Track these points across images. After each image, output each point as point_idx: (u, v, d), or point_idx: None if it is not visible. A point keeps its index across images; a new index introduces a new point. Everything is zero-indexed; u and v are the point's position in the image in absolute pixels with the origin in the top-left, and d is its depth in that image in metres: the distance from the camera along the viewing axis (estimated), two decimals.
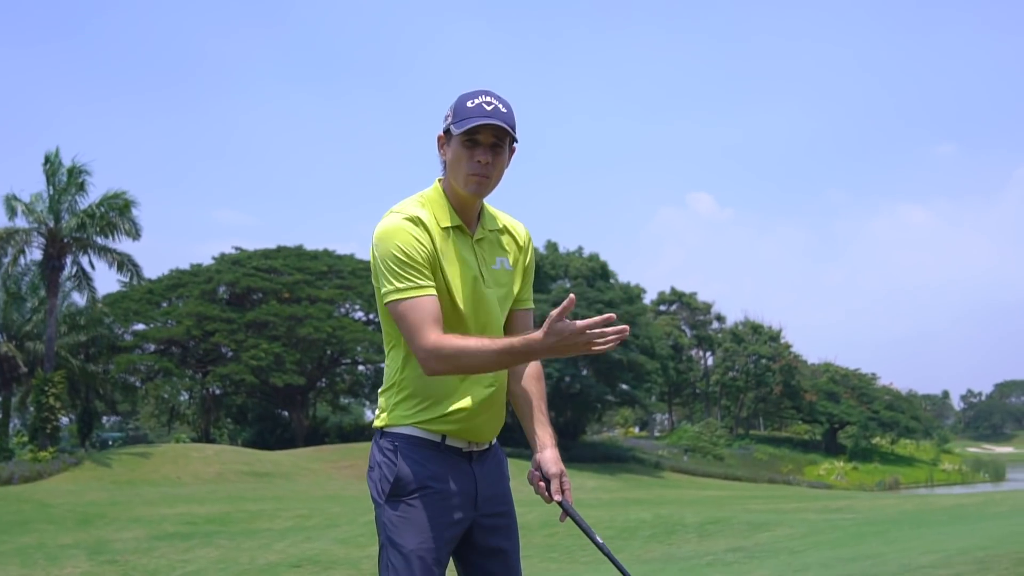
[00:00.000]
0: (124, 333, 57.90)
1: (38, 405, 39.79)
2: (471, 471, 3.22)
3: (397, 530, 3.10)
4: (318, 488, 38.00)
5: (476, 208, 3.28)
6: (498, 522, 3.28)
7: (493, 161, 3.15)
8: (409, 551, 3.06)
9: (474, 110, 3.12)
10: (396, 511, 3.12)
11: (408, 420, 3.17)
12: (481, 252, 3.27)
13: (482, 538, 3.24)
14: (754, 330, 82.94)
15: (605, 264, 63.86)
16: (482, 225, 3.31)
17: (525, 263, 3.42)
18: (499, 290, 3.28)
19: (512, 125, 3.15)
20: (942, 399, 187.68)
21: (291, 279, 59.90)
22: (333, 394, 71.62)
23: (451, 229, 3.21)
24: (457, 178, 3.19)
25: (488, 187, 3.19)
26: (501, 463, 3.37)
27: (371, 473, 3.22)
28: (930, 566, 10.09)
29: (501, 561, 3.27)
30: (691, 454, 67.96)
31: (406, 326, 3.07)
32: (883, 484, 69.02)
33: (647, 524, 20.77)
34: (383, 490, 3.16)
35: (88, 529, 23.31)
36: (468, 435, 3.21)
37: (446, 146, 3.22)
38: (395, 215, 3.17)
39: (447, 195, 3.25)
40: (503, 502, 3.33)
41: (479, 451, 3.27)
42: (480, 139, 3.13)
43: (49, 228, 40.31)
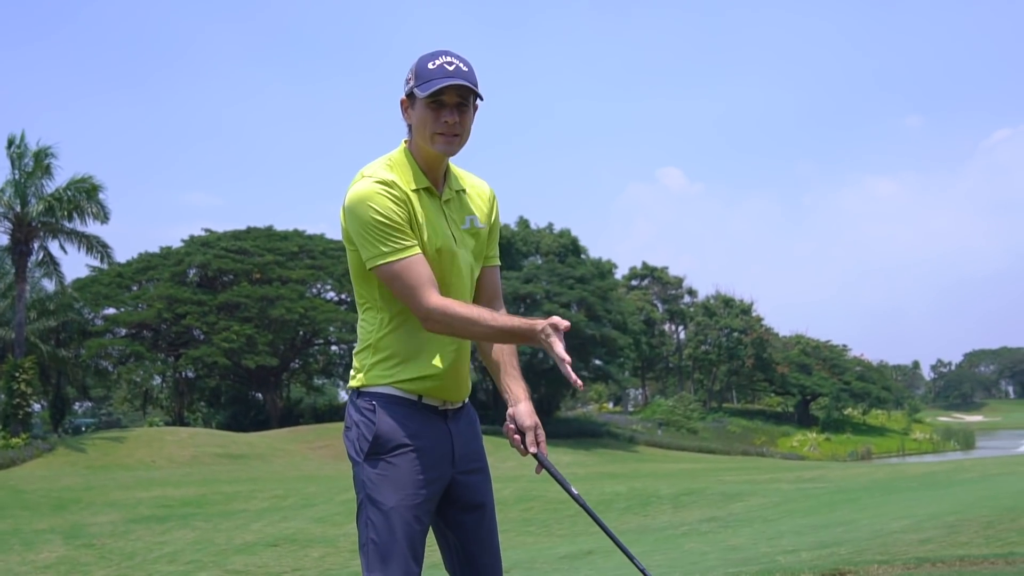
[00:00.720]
0: (94, 318, 57.56)
1: (9, 391, 39.53)
2: (447, 429, 3.25)
3: (376, 487, 3.12)
4: (293, 469, 38.00)
5: (443, 169, 3.29)
6: (474, 478, 3.31)
7: (460, 120, 3.16)
8: (389, 508, 3.08)
9: (436, 71, 3.12)
10: (375, 469, 3.14)
11: (385, 380, 3.19)
12: (450, 212, 3.28)
13: (459, 494, 3.27)
14: (725, 304, 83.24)
15: (576, 240, 63.94)
16: (448, 186, 3.32)
17: (491, 221, 3.45)
18: (470, 248, 3.31)
19: (475, 83, 3.16)
20: (912, 369, 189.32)
21: (262, 260, 59.65)
22: (307, 375, 71.46)
23: (420, 191, 3.22)
24: (425, 139, 3.19)
25: (457, 145, 3.21)
26: (474, 421, 3.41)
27: (348, 433, 3.24)
28: (901, 531, 10.23)
29: (479, 515, 3.31)
30: (665, 428, 68.26)
31: (402, 287, 3.10)
32: (855, 454, 69.56)
33: (622, 497, 20.92)
34: (362, 448, 3.17)
35: (63, 514, 23.23)
36: (442, 393, 3.23)
37: (410, 109, 3.22)
38: (366, 180, 3.17)
39: (414, 157, 3.26)
40: (478, 459, 3.36)
41: (453, 409, 3.30)
42: (445, 100, 3.14)
43: (16, 213, 39.96)
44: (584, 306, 59.41)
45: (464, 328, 3.09)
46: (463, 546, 3.31)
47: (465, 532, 3.30)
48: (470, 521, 3.30)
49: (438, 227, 3.22)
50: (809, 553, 8.65)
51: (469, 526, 3.30)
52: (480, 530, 3.32)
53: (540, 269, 60.45)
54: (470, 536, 3.31)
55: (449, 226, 3.26)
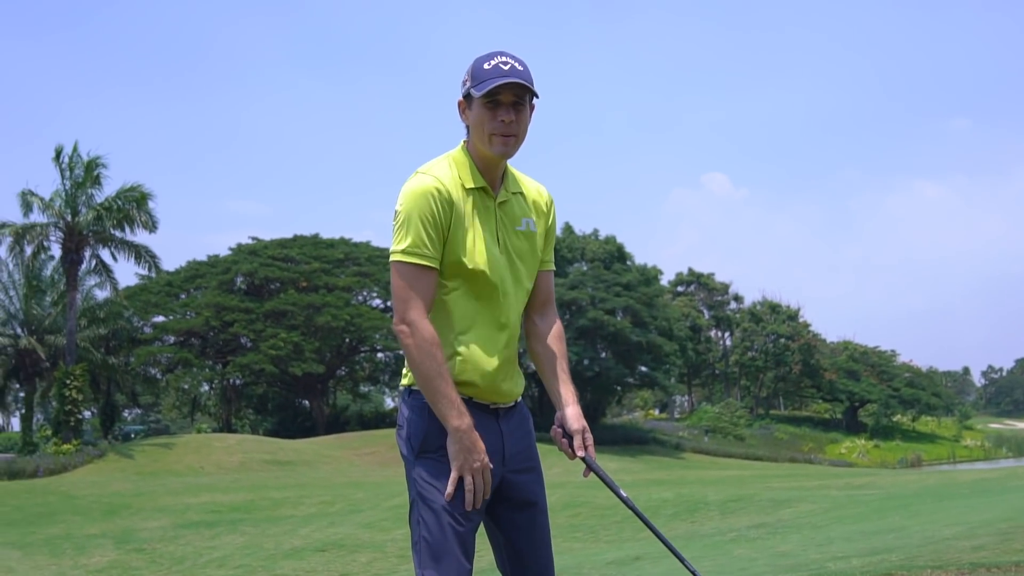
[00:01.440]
0: (144, 325, 58.16)
1: (60, 398, 40.06)
2: (498, 427, 3.24)
3: (428, 486, 3.12)
4: (340, 475, 38.15)
5: (500, 170, 3.30)
6: (525, 477, 3.30)
7: (516, 119, 3.18)
8: (440, 507, 3.08)
9: (492, 71, 3.14)
10: (426, 467, 3.14)
11: None
12: (503, 215, 3.29)
13: (510, 493, 3.26)
14: (772, 309, 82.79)
15: (622, 246, 63.78)
16: (505, 187, 3.33)
17: (547, 225, 3.47)
18: (523, 251, 3.32)
19: (531, 81, 3.18)
20: (963, 375, 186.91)
21: (308, 268, 60.05)
22: (353, 382, 71.80)
23: (475, 191, 3.24)
24: (482, 140, 3.21)
25: (514, 146, 3.22)
26: (526, 419, 3.40)
27: (400, 431, 3.26)
28: (953, 538, 10.09)
29: (530, 514, 3.30)
30: (711, 435, 67.92)
31: (398, 288, 3.14)
32: (905, 461, 68.87)
33: (670, 503, 20.81)
34: (413, 446, 3.18)
35: (114, 519, 23.48)
36: (490, 395, 3.23)
37: (467, 111, 3.25)
38: (421, 176, 3.20)
39: (472, 157, 3.27)
40: (530, 457, 3.35)
41: (505, 408, 3.29)
42: (501, 99, 3.16)
43: (67, 222, 40.50)
44: (630, 312, 59.28)
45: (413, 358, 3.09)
46: (513, 545, 3.30)
47: (516, 531, 3.29)
48: (521, 520, 3.29)
49: (488, 228, 3.23)
50: (860, 559, 8.56)
51: (520, 525, 3.29)
52: (531, 529, 3.31)
53: (586, 275, 60.37)
54: (521, 535, 3.30)
55: (499, 228, 3.26)
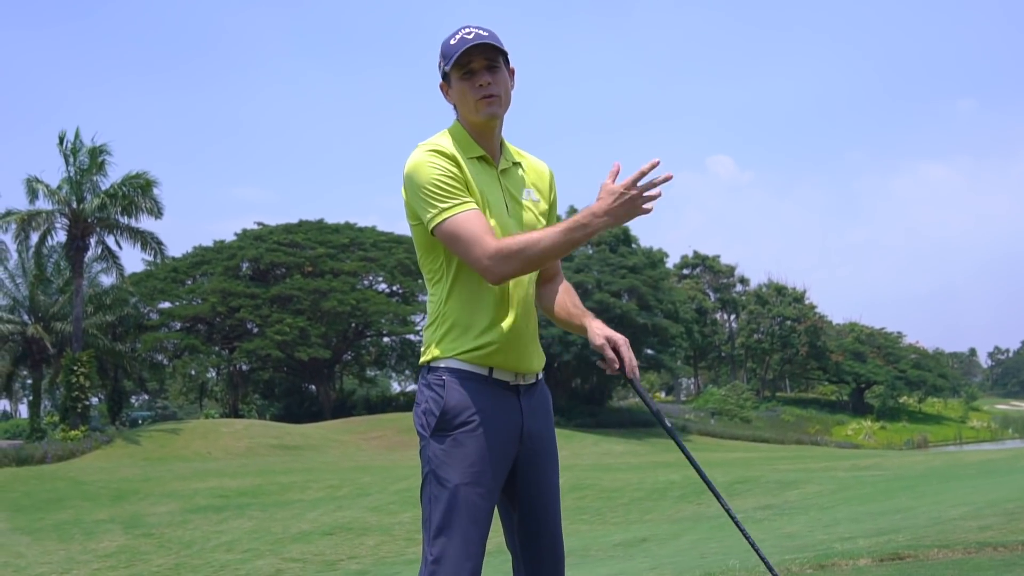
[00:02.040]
0: (150, 312, 58.22)
1: (67, 385, 40.16)
2: (518, 405, 3.22)
3: (441, 464, 3.10)
4: (347, 459, 38.25)
5: (496, 140, 3.31)
6: (542, 458, 3.29)
7: (494, 80, 3.19)
8: (454, 485, 3.06)
9: (458, 44, 3.16)
10: (441, 445, 3.11)
11: (453, 351, 3.17)
12: (506, 182, 3.30)
13: (525, 472, 3.25)
14: (778, 292, 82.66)
15: (627, 229, 63.59)
16: (504, 157, 3.34)
17: (551, 198, 3.47)
18: (527, 220, 3.30)
19: (497, 41, 3.18)
20: (969, 356, 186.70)
21: (313, 253, 60.06)
22: (359, 367, 71.91)
23: (475, 159, 3.24)
24: (469, 111, 3.22)
25: (500, 105, 3.22)
26: (547, 399, 3.38)
27: (417, 408, 3.23)
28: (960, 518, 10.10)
29: (543, 494, 3.28)
30: (718, 417, 67.91)
31: (461, 241, 3.08)
32: (911, 443, 68.88)
33: (676, 485, 20.85)
34: (429, 423, 3.15)
35: (122, 504, 23.58)
36: (511, 363, 3.20)
37: (450, 92, 3.27)
38: (420, 147, 3.21)
39: (467, 130, 3.28)
40: (548, 437, 3.33)
41: (526, 385, 3.27)
42: (474, 67, 3.18)
43: (72, 209, 40.52)
44: (635, 295, 59.21)
45: (530, 251, 3.02)
46: (525, 524, 3.28)
47: (528, 510, 3.27)
48: (534, 500, 3.27)
49: (494, 195, 3.23)
50: (866, 540, 8.57)
51: (533, 505, 3.27)
52: (544, 510, 3.29)
53: (591, 259, 60.28)
54: (534, 516, 3.28)
55: (504, 195, 3.26)
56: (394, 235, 63.23)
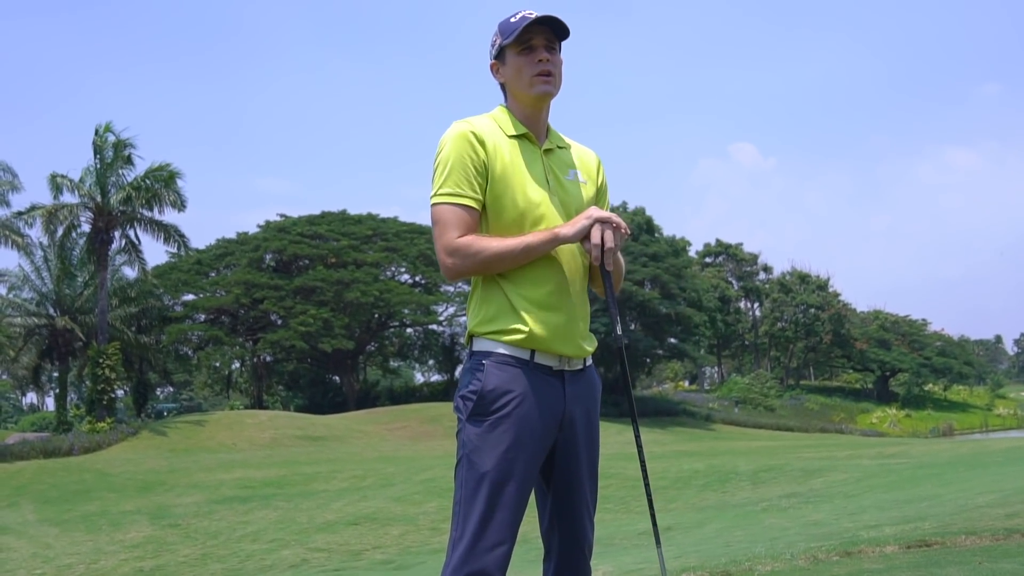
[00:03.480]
0: (174, 304, 58.50)
1: (94, 377, 40.41)
2: (562, 391, 3.16)
3: (476, 448, 3.07)
4: (371, 450, 38.35)
5: (542, 121, 3.29)
6: (583, 446, 3.24)
7: (552, 59, 3.20)
8: (484, 471, 3.03)
9: (519, 21, 3.17)
10: (477, 429, 3.08)
11: (494, 335, 3.14)
12: (549, 162, 3.27)
13: (564, 460, 3.21)
14: (802, 279, 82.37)
15: (650, 219, 63.50)
16: (550, 139, 3.33)
17: (599, 183, 3.44)
18: (572, 200, 3.26)
19: (563, 23, 3.20)
20: (995, 344, 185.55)
21: (337, 244, 60.20)
22: (383, 357, 72.06)
23: (518, 138, 3.23)
24: (522, 86, 3.21)
25: (554, 84, 3.22)
26: (594, 386, 3.31)
27: (458, 391, 3.19)
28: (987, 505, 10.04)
29: (577, 480, 3.24)
30: (742, 406, 67.82)
31: (436, 228, 3.10)
32: (937, 430, 68.53)
33: (701, 474, 20.82)
34: (466, 407, 3.11)
35: (149, 495, 23.72)
36: (557, 348, 3.15)
37: (502, 68, 3.26)
38: (455, 123, 3.20)
39: (512, 112, 3.28)
40: (591, 425, 3.28)
41: (571, 371, 3.21)
42: (534, 43, 3.19)
43: (96, 202, 40.72)
44: (659, 284, 59.14)
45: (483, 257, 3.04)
46: (556, 510, 3.25)
47: (560, 497, 3.24)
48: (567, 488, 3.23)
49: (535, 172, 3.20)
50: (892, 528, 8.53)
51: (565, 492, 3.24)
52: (575, 499, 3.25)
53: None
54: (565, 503, 3.25)
55: (547, 175, 3.23)
56: (416, 225, 63.32)
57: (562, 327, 3.15)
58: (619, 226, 3.15)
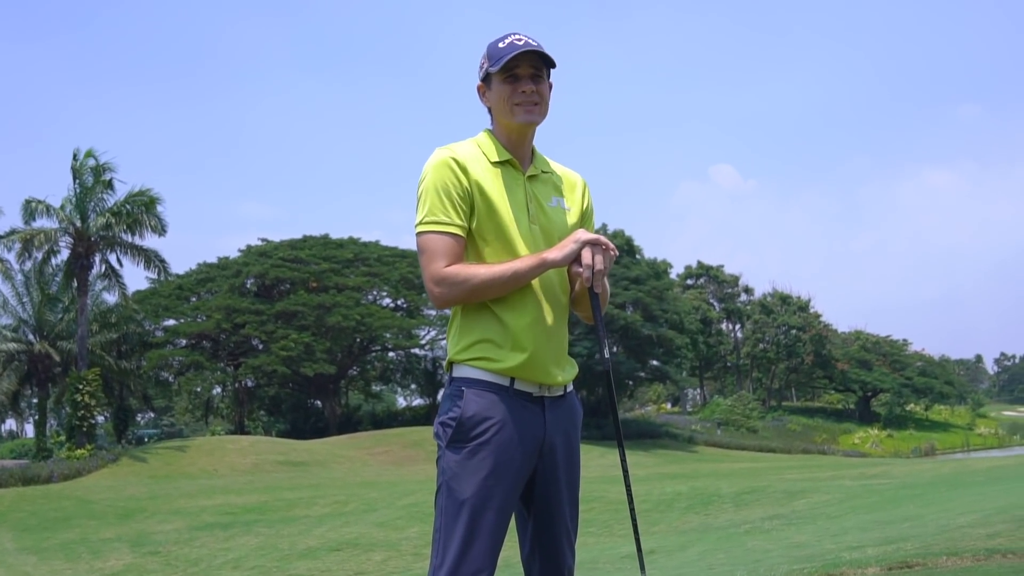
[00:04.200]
0: (155, 329, 58.21)
1: (73, 404, 40.12)
2: (542, 418, 3.16)
3: (455, 475, 3.06)
4: (354, 475, 38.20)
5: (527, 146, 3.30)
6: (563, 471, 3.24)
7: (537, 88, 3.20)
8: (464, 499, 3.03)
9: (507, 48, 3.17)
10: (457, 456, 3.08)
11: (474, 361, 3.13)
12: (533, 189, 3.27)
13: (545, 486, 3.20)
14: (783, 301, 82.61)
15: (631, 240, 63.61)
16: (534, 165, 3.32)
17: (583, 207, 3.43)
18: (554, 227, 3.26)
19: (549, 54, 3.20)
20: (975, 363, 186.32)
21: (318, 268, 60.08)
22: (365, 381, 71.83)
23: (501, 164, 3.23)
24: (506, 114, 3.22)
25: (539, 113, 3.22)
26: (575, 412, 3.31)
27: (438, 417, 3.19)
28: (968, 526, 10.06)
29: (557, 507, 3.23)
30: (724, 427, 67.81)
31: (423, 258, 3.10)
32: (919, 450, 68.66)
33: (684, 496, 20.80)
34: (446, 434, 3.11)
35: (129, 523, 23.55)
36: (535, 374, 3.14)
37: (488, 93, 3.27)
38: (437, 150, 3.20)
39: (497, 137, 3.28)
40: (571, 451, 3.28)
41: (552, 397, 3.21)
42: (519, 72, 3.19)
43: (76, 227, 40.57)
44: (640, 306, 59.20)
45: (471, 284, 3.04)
46: (536, 536, 3.24)
47: (540, 523, 3.23)
48: (548, 514, 3.23)
49: (516, 200, 3.20)
50: (875, 549, 8.54)
51: (546, 519, 3.23)
52: (555, 526, 3.24)
53: None
54: (546, 529, 3.24)
55: (529, 202, 3.23)
56: (398, 249, 63.31)
57: (542, 354, 3.15)
58: (608, 247, 3.15)
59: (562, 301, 3.26)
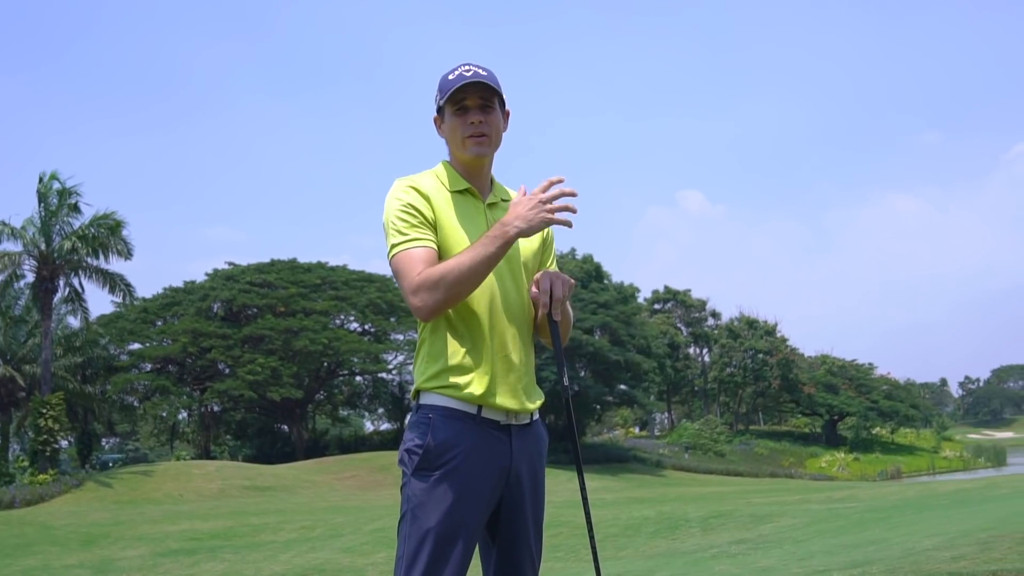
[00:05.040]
0: (120, 353, 57.80)
1: (36, 428, 39.69)
2: (508, 447, 3.16)
3: (420, 504, 3.04)
4: (320, 500, 37.96)
5: (485, 177, 3.32)
6: (528, 500, 3.23)
7: (486, 120, 3.20)
8: (428, 528, 3.01)
9: (455, 79, 3.18)
10: (422, 484, 3.06)
11: (440, 389, 3.11)
12: (493, 217, 3.27)
13: (510, 514, 3.19)
14: (750, 325, 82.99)
15: (599, 265, 63.84)
16: (493, 194, 3.34)
17: (545, 235, 3.47)
18: (515, 253, 3.25)
19: (495, 83, 3.20)
20: (940, 387, 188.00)
21: (285, 293, 59.85)
22: (332, 406, 71.51)
23: (461, 192, 3.24)
24: (457, 146, 3.24)
25: (488, 145, 3.23)
26: (541, 441, 3.31)
27: (403, 444, 3.17)
28: (933, 548, 10.11)
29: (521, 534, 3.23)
30: (692, 452, 67.93)
31: (399, 277, 3.09)
32: (885, 474, 69.04)
33: (651, 521, 20.80)
34: (411, 461, 3.09)
35: (92, 549, 23.27)
36: (504, 403, 3.14)
37: (443, 125, 3.28)
38: (396, 184, 3.22)
39: (454, 167, 3.30)
40: (536, 480, 3.27)
41: (518, 425, 3.21)
42: (468, 104, 3.20)
43: (40, 250, 40.25)
44: (608, 331, 59.31)
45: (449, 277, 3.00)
46: (500, 564, 3.24)
47: (504, 551, 3.23)
48: (512, 542, 3.22)
49: (476, 227, 3.20)
50: (841, 573, 8.57)
51: (510, 546, 3.22)
52: (520, 554, 3.24)
53: None
54: (510, 557, 3.23)
55: (489, 227, 3.20)
56: (365, 273, 63.19)
57: (508, 383, 3.16)
58: (566, 281, 3.20)
59: (526, 329, 3.27)
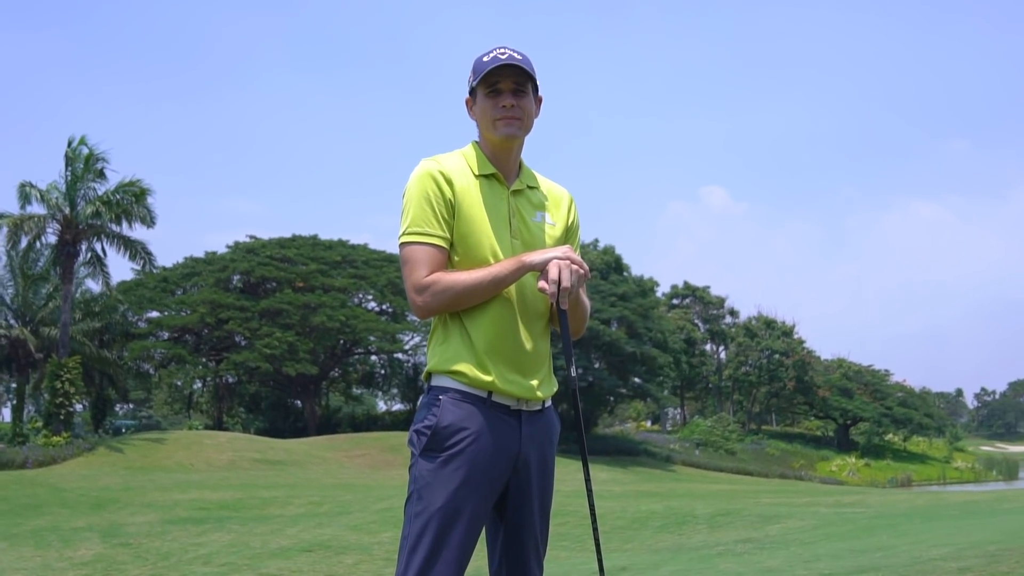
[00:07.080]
0: (138, 320, 58.11)
1: (52, 390, 39.95)
2: (518, 432, 3.16)
3: (427, 484, 3.06)
4: (330, 476, 38.08)
5: (513, 161, 3.31)
6: (536, 486, 3.23)
7: (518, 103, 3.20)
8: (434, 509, 3.02)
9: (490, 62, 3.18)
10: (429, 465, 3.07)
11: (452, 371, 3.12)
12: (516, 204, 3.27)
13: (516, 500, 3.20)
14: (767, 325, 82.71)
15: (619, 257, 63.69)
16: (520, 179, 3.33)
17: (569, 222, 3.44)
18: (536, 242, 3.26)
19: (530, 67, 3.19)
20: (955, 397, 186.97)
21: (305, 268, 60.02)
22: (346, 384, 71.74)
23: (485, 177, 3.24)
24: (488, 128, 3.23)
25: (520, 128, 3.23)
26: (552, 428, 3.30)
27: (413, 425, 3.18)
28: (940, 559, 10.08)
29: (527, 520, 3.22)
30: (703, 448, 67.81)
31: (405, 268, 3.12)
32: (895, 481, 68.77)
33: (658, 515, 20.77)
34: (420, 442, 3.11)
35: (101, 513, 23.42)
36: (515, 389, 3.15)
37: (474, 107, 3.28)
38: (422, 161, 3.22)
39: (483, 150, 3.29)
40: (545, 466, 3.27)
41: (529, 411, 3.22)
42: (501, 87, 3.20)
43: (65, 214, 40.43)
44: (625, 323, 59.23)
45: (453, 292, 3.06)
46: (506, 548, 3.24)
47: (510, 535, 3.23)
48: (518, 527, 3.22)
49: (498, 214, 3.21)
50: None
51: (515, 531, 3.23)
52: (525, 539, 3.24)
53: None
54: (515, 541, 3.23)
55: (511, 216, 3.24)
56: (385, 253, 63.26)
57: (518, 369, 3.16)
58: (579, 266, 3.17)
59: (541, 316, 3.27)
